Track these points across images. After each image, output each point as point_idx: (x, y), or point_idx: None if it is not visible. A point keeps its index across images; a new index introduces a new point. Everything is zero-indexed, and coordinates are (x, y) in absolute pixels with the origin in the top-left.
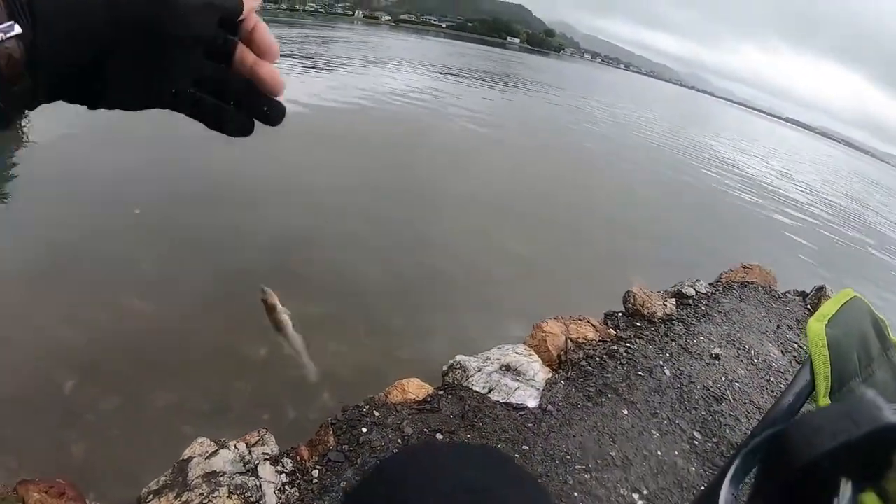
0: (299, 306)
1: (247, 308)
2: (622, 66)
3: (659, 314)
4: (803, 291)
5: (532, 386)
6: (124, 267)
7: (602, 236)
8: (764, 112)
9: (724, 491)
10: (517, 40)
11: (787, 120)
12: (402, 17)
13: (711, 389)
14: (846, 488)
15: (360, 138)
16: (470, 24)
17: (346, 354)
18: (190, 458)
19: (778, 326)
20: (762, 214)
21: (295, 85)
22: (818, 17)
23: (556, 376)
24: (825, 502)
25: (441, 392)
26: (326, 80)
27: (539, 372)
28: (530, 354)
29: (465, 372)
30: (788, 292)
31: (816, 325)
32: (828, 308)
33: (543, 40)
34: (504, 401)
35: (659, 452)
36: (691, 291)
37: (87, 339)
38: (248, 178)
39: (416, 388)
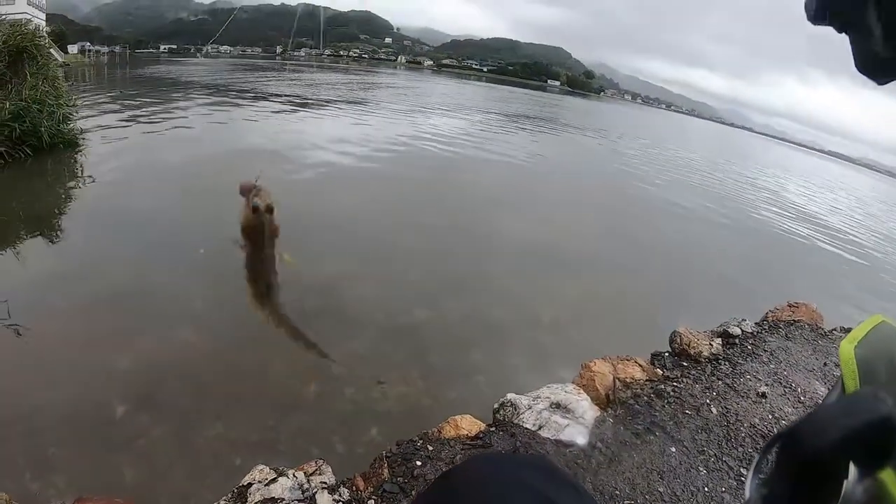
0: (348, 343)
1: (299, 347)
2: (662, 105)
3: (705, 353)
4: (850, 328)
5: (581, 423)
6: (179, 301)
7: (647, 277)
8: (805, 146)
9: (749, 479)
10: (557, 83)
11: (829, 153)
12: (443, 61)
13: (758, 427)
14: (853, 472)
15: (408, 179)
16: (510, 67)
17: (395, 391)
18: (249, 485)
19: (825, 364)
20: (807, 250)
21: (343, 128)
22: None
23: (605, 414)
24: (835, 484)
25: (493, 428)
26: (373, 122)
27: (588, 410)
28: (579, 393)
29: (515, 409)
30: (835, 329)
31: (847, 347)
32: (858, 332)
33: (584, 82)
34: (554, 437)
35: (706, 489)
36: (737, 331)
37: (140, 368)
38: (296, 217)
39: (468, 424)
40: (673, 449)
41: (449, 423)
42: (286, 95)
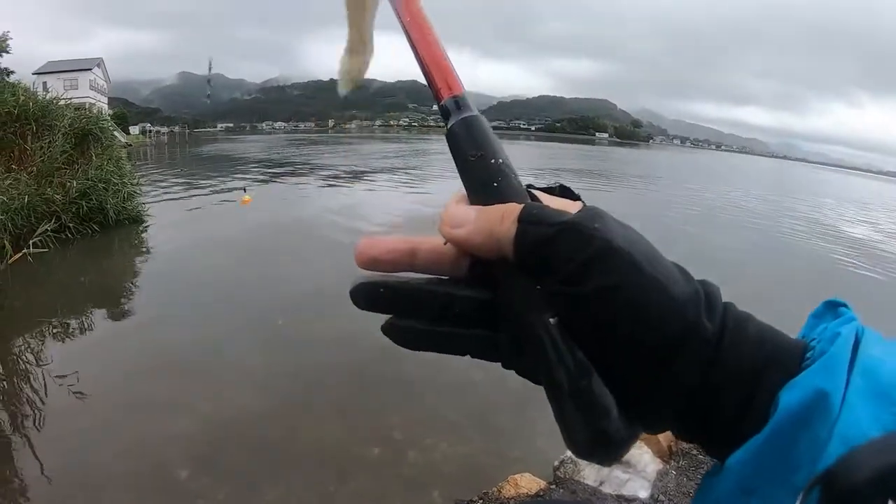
0: (409, 406)
1: (361, 411)
2: (713, 146)
3: None
4: None
5: (643, 477)
6: (238, 365)
7: None
8: (861, 170)
9: None
10: (605, 135)
11: (888, 174)
12: (492, 124)
13: None
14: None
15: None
16: (558, 124)
17: (455, 453)
18: None
19: None
20: (877, 285)
21: (398, 197)
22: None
23: (668, 466)
24: None
25: (553, 486)
26: (426, 191)
27: (650, 463)
28: (640, 446)
29: (575, 466)
30: None
31: None
32: None
33: (632, 132)
34: (616, 493)
35: None
36: None
37: (202, 431)
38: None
39: (528, 483)
40: None
41: (509, 483)
42: (340, 167)
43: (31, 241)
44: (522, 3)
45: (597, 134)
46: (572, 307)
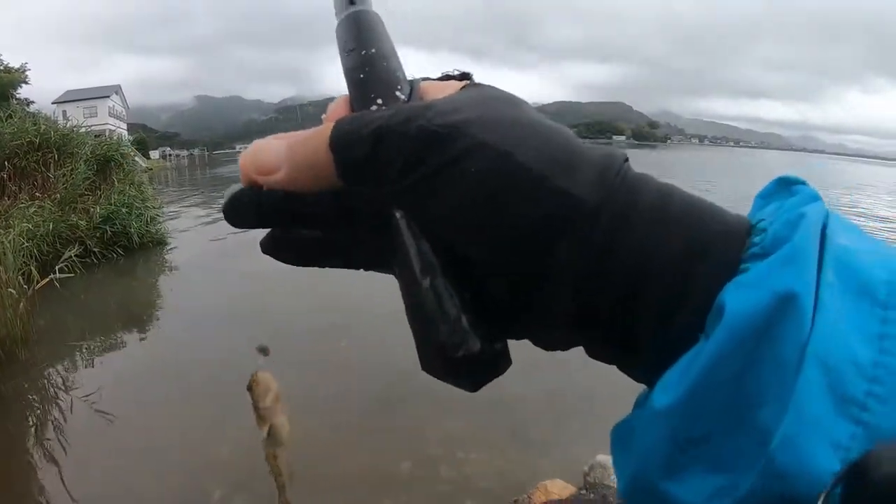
0: (441, 421)
1: (392, 429)
2: (731, 143)
3: None
4: None
5: None
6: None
7: None
8: (881, 157)
9: None
10: (623, 137)
11: None
12: None
13: None
14: None
15: None
16: (574, 128)
17: (487, 462)
18: None
19: None
20: None
21: None
22: None
23: None
24: None
25: (584, 491)
26: None
27: None
28: None
29: (605, 471)
30: None
31: None
32: None
33: (649, 133)
34: None
35: None
36: None
37: (232, 452)
38: (381, 302)
39: (559, 489)
40: None
41: (539, 489)
42: None
43: (56, 267)
44: (530, 10)
45: (614, 137)
46: (413, 201)
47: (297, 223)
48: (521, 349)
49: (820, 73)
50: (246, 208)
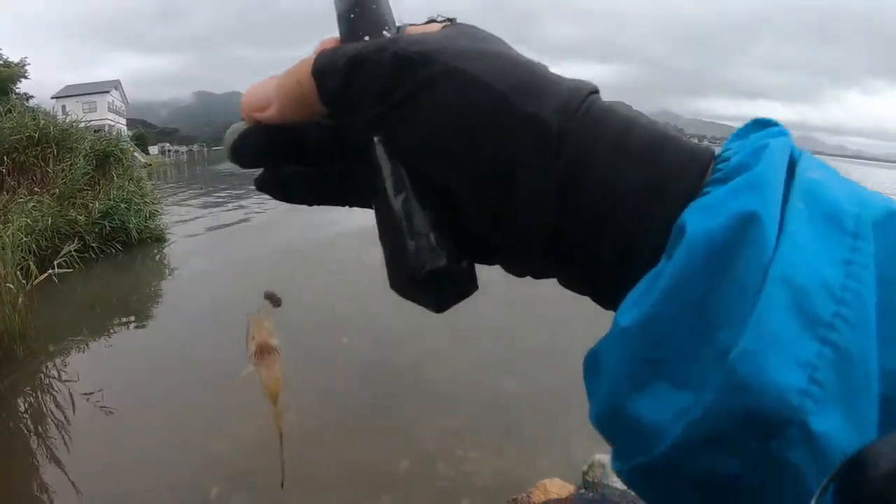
0: (438, 419)
1: (390, 427)
2: None
3: None
4: None
5: None
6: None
7: None
8: (881, 160)
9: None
10: None
11: None
12: None
13: None
14: None
15: None
16: None
17: (486, 461)
18: None
19: None
20: None
21: None
22: None
23: None
24: None
25: (583, 490)
26: None
27: None
28: None
29: (604, 469)
30: None
31: None
32: None
33: None
34: None
35: None
36: None
37: (231, 449)
38: (378, 303)
39: (557, 488)
40: None
41: (538, 488)
42: None
43: (55, 262)
44: (529, 8)
45: None
46: (388, 128)
47: (292, 160)
48: (521, 346)
49: (819, 73)
50: (244, 146)
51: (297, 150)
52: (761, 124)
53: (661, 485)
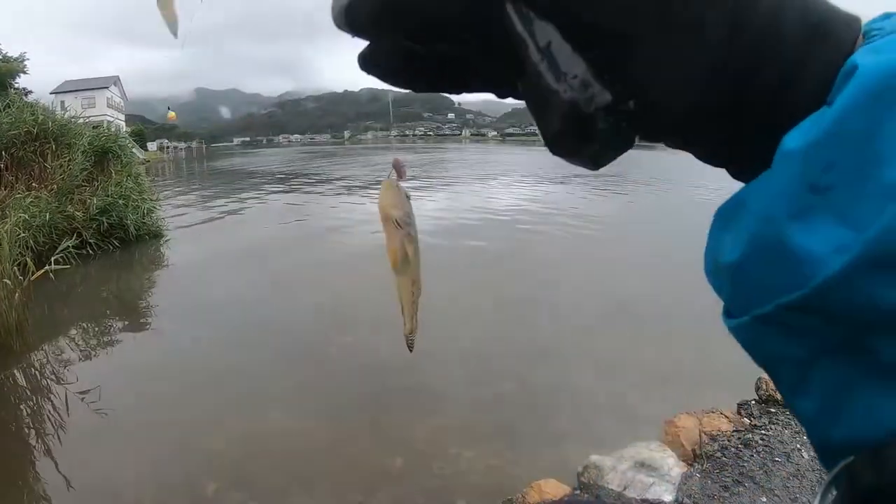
0: (433, 417)
1: (386, 424)
2: None
3: None
4: None
5: (667, 481)
6: (265, 383)
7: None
8: None
9: None
10: None
11: None
12: (507, 131)
13: None
14: None
15: (476, 253)
16: None
17: (479, 461)
18: None
19: None
20: None
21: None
22: None
23: (692, 470)
24: None
25: (577, 491)
26: (446, 198)
27: (674, 467)
28: (664, 450)
29: (599, 471)
30: None
31: None
32: None
33: None
34: (640, 497)
35: None
36: None
37: (227, 446)
38: (372, 300)
39: (553, 489)
40: (764, 499)
41: (533, 489)
42: (359, 178)
43: (52, 258)
44: None
45: None
46: None
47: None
48: (519, 345)
49: None
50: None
51: (420, 23)
52: None
53: (811, 324)
